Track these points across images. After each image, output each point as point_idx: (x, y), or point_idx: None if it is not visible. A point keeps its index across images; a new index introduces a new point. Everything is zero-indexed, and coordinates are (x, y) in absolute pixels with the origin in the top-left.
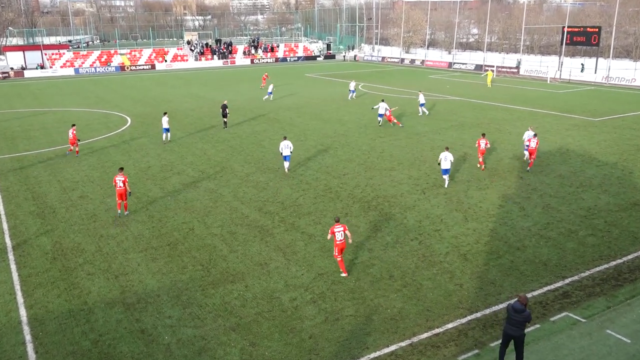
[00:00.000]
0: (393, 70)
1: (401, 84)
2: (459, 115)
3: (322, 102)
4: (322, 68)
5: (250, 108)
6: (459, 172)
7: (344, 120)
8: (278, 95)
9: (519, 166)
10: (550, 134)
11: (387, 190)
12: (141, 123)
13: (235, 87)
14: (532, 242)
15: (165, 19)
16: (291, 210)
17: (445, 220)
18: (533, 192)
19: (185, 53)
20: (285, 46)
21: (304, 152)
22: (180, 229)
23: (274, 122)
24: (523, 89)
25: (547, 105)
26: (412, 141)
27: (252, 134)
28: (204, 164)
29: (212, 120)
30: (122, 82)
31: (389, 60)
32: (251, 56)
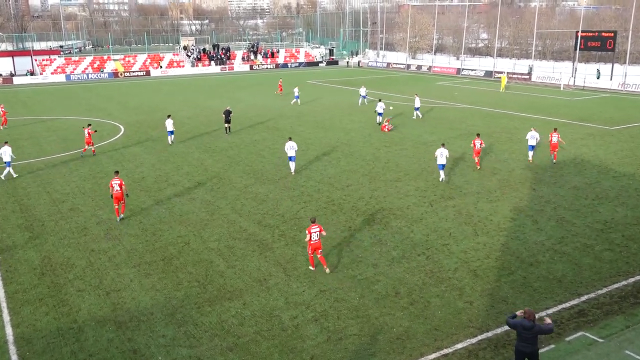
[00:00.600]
0: (399, 77)
1: (407, 90)
2: (468, 123)
3: (324, 110)
4: (325, 74)
5: (249, 116)
6: (468, 184)
7: (347, 128)
8: (277, 104)
9: (532, 177)
10: (564, 144)
11: (393, 202)
12: (135, 132)
13: (233, 95)
14: (546, 258)
15: (160, 23)
16: (292, 223)
17: (454, 234)
18: (546, 205)
19: (182, 59)
20: (286, 52)
21: (305, 162)
22: (175, 243)
23: (274, 131)
24: (535, 97)
25: (560, 113)
26: (419, 151)
27: (251, 143)
28: (200, 174)
29: (209, 129)
30: (116, 89)
31: (395, 67)
32: (250, 62)
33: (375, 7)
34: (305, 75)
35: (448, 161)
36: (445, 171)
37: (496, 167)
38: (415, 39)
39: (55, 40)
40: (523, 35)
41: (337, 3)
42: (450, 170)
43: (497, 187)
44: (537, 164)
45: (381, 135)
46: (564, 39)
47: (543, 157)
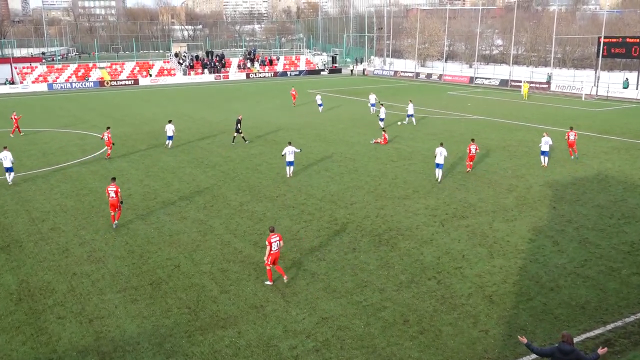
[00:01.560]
0: (407, 86)
1: (416, 101)
2: (482, 136)
3: (326, 122)
4: (327, 83)
5: (245, 128)
6: (482, 202)
7: (351, 142)
8: (276, 115)
9: (552, 194)
10: (586, 158)
11: (401, 221)
12: (122, 145)
13: (229, 105)
14: (568, 282)
15: (150, 28)
16: (291, 244)
17: (468, 256)
18: (568, 224)
19: (173, 67)
20: (286, 59)
21: (305, 178)
22: (164, 266)
23: (272, 144)
24: (554, 107)
25: (582, 125)
26: (429, 166)
27: (247, 157)
28: (192, 191)
29: (202, 142)
30: (101, 99)
31: (402, 75)
32: (247, 70)
33: (381, 12)
34: (306, 84)
35: (459, 176)
36: (457, 186)
37: (512, 183)
38: (424, 45)
39: (36, 47)
40: (541, 41)
41: (341, 7)
42: (462, 186)
43: (514, 205)
44: (557, 180)
45: (387, 149)
46: (585, 45)
47: (563, 172)
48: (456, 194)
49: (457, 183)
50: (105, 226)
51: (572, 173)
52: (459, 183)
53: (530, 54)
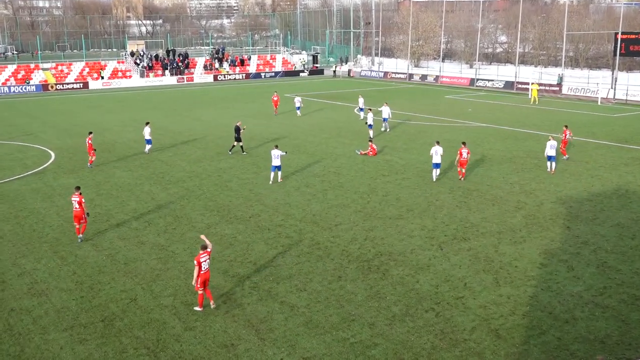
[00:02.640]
0: (399, 90)
1: (409, 106)
2: (485, 146)
3: (307, 130)
4: (307, 86)
5: (213, 139)
6: (486, 221)
7: (335, 153)
8: (249, 123)
9: (565, 212)
10: (603, 170)
11: (393, 245)
12: (69, 159)
13: (193, 112)
14: (585, 313)
15: (102, 23)
16: (267, 272)
17: (471, 284)
18: (584, 247)
19: (129, 68)
20: (259, 58)
21: (283, 195)
22: (118, 300)
23: (244, 157)
24: (567, 112)
25: (598, 133)
26: (425, 180)
27: (216, 172)
28: (151, 211)
29: (163, 155)
30: (45, 105)
31: (394, 77)
32: (215, 71)
33: (369, 4)
34: (283, 88)
35: (459, 192)
36: (457, 204)
37: (520, 200)
38: (418, 42)
39: None
40: (550, 38)
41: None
42: (463, 204)
43: (522, 225)
44: (571, 196)
45: (377, 162)
46: (600, 42)
47: (578, 186)
48: (456, 212)
49: (456, 200)
50: (49, 253)
51: (588, 188)
52: (459, 200)
53: (538, 52)
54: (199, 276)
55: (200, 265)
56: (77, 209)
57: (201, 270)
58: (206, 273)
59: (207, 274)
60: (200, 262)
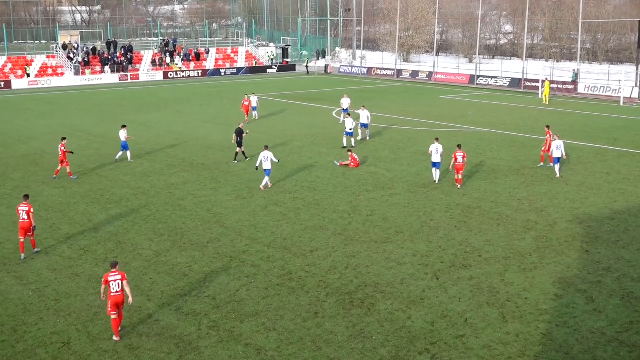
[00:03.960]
0: (385, 89)
1: (398, 108)
2: (488, 155)
3: (275, 137)
4: (276, 85)
5: (162, 148)
6: (490, 244)
7: (310, 165)
8: (205, 130)
9: (582, 233)
10: (628, 183)
11: (380, 274)
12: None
13: (139, 117)
14: (608, 353)
15: (28, 10)
16: (229, 309)
17: (472, 320)
18: (606, 274)
19: (60, 63)
20: (218, 52)
21: (248, 216)
22: (48, 344)
23: (201, 170)
24: (583, 115)
25: (621, 139)
26: (417, 197)
27: (166, 188)
28: (88, 237)
29: (103, 169)
30: None
31: (379, 73)
32: (165, 68)
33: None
34: (246, 87)
35: (457, 210)
36: (455, 224)
37: (530, 219)
38: (408, 33)
39: None
40: (564, 27)
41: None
42: (463, 224)
43: (533, 248)
44: (589, 214)
45: (360, 174)
46: (622, 32)
47: (597, 202)
48: (455, 234)
49: (455, 220)
50: None
51: (610, 204)
52: (457, 219)
53: (549, 44)
54: (110, 298)
55: (108, 284)
56: (25, 220)
57: (111, 291)
58: (118, 296)
59: (119, 297)
60: (109, 281)
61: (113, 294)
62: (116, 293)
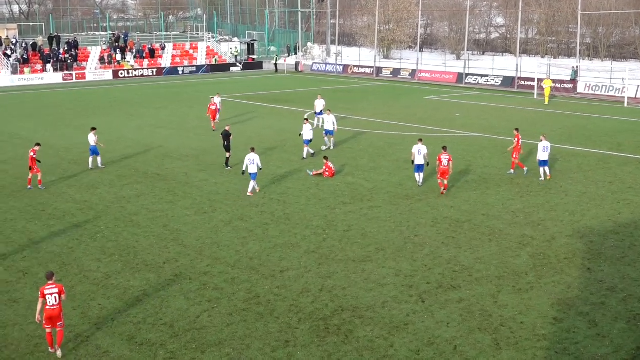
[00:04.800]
0: (363, 89)
1: (377, 111)
2: (478, 163)
3: (240, 144)
4: (240, 85)
5: (112, 157)
6: (481, 262)
7: (279, 174)
8: (161, 136)
9: (584, 249)
10: (633, 193)
11: (359, 297)
12: None
13: (86, 122)
14: None
15: None
16: (188, 338)
17: (462, 347)
18: (610, 295)
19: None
20: (175, 48)
21: (209, 232)
22: None
23: (156, 181)
24: (583, 117)
25: (625, 144)
26: (399, 209)
27: (117, 201)
28: (28, 258)
29: (43, 180)
30: None
31: (356, 72)
32: (115, 66)
33: None
34: (208, 88)
35: (445, 223)
36: (442, 240)
37: (526, 234)
38: (388, 26)
39: None
40: (561, 20)
41: None
42: (451, 240)
43: (529, 266)
44: (591, 228)
45: (335, 185)
46: (625, 25)
47: (600, 214)
48: (442, 251)
49: (442, 235)
50: None
51: (614, 216)
52: (445, 235)
53: (545, 38)
54: (45, 311)
55: (44, 297)
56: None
57: (47, 305)
58: (54, 309)
59: (55, 311)
60: (45, 294)
61: (49, 307)
62: (52, 307)
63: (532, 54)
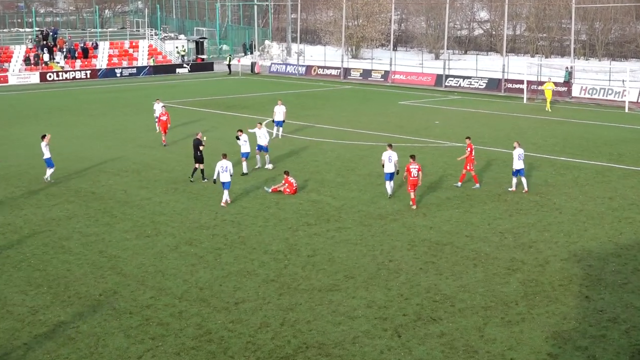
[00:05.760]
0: (329, 93)
1: (345, 118)
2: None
3: (188, 158)
4: (188, 89)
5: (39, 173)
6: (464, 291)
7: (234, 192)
8: (95, 147)
9: (582, 275)
10: (636, 210)
11: (326, 331)
12: None
13: (8, 132)
14: None
15: None
16: None
17: None
18: (611, 326)
19: None
20: (112, 47)
21: (152, 259)
22: None
23: (90, 200)
24: (579, 124)
25: (627, 154)
26: (371, 231)
27: (45, 224)
28: None
29: None
30: None
31: (321, 73)
32: (42, 67)
33: None
34: (149, 92)
35: (423, 246)
36: (420, 265)
37: (516, 257)
38: (357, 22)
39: None
40: (553, 14)
41: None
42: (430, 265)
43: (519, 295)
44: (589, 250)
45: (298, 204)
46: (625, 19)
47: (599, 235)
48: (420, 279)
49: (420, 259)
50: None
51: (615, 237)
52: (423, 259)
53: (535, 35)
54: None
55: None
56: None
57: None
58: None
59: None
60: None
61: None
62: None
63: (521, 52)
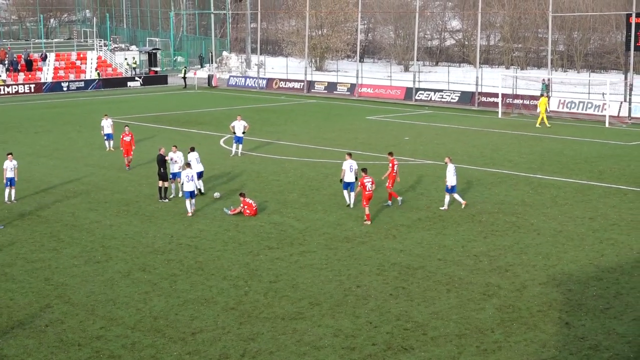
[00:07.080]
0: (291, 108)
1: (309, 134)
2: (432, 196)
3: (140, 179)
4: (140, 104)
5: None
6: (437, 318)
7: (190, 213)
8: (43, 168)
9: (561, 299)
10: (618, 231)
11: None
12: None
13: None
14: None
15: None
16: None
17: None
18: (592, 354)
19: None
20: (59, 59)
21: (103, 286)
22: None
23: (35, 224)
24: (557, 140)
25: (608, 172)
26: (338, 255)
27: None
28: None
29: None
30: None
31: (283, 86)
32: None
33: None
34: (98, 107)
35: (394, 271)
36: (390, 290)
37: (492, 282)
38: (321, 31)
39: None
40: (529, 23)
41: None
42: (401, 290)
43: (495, 322)
44: (569, 273)
45: (259, 226)
46: (604, 28)
47: (579, 257)
48: (390, 305)
49: (390, 285)
50: None
51: (596, 259)
52: (393, 284)
53: (510, 45)
54: None
55: None
56: None
57: None
58: None
59: None
60: None
61: None
62: None
63: (495, 64)
